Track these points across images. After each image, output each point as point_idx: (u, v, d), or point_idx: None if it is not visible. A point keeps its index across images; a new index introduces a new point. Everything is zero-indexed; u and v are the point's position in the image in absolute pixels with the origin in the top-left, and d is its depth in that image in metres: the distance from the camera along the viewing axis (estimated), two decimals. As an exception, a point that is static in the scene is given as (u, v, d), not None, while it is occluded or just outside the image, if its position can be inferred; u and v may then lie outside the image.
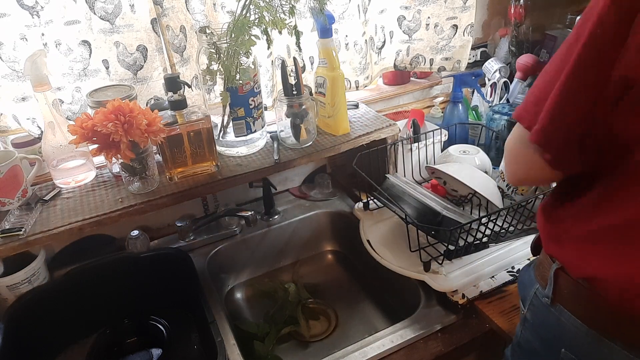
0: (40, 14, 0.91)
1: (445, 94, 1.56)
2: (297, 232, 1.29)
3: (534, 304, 0.67)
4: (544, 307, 0.64)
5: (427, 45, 1.34)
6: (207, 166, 1.01)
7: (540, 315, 0.66)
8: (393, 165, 1.21)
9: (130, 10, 0.97)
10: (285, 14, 0.93)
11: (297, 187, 1.41)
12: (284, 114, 1.06)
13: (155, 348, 1.02)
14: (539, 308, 0.66)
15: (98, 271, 1.03)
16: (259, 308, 1.17)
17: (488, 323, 0.89)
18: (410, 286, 1.02)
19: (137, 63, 1.02)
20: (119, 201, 0.94)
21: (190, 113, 0.97)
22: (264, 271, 1.28)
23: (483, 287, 0.93)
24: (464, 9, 1.27)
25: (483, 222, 0.94)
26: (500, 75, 1.42)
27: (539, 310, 0.66)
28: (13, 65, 0.93)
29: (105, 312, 1.06)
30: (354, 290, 1.22)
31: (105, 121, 0.82)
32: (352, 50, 1.25)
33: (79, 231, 0.90)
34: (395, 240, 1.06)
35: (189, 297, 1.01)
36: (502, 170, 1.13)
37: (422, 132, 1.23)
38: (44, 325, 0.98)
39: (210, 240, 1.21)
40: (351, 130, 1.14)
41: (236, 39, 0.91)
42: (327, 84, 1.08)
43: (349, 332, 1.09)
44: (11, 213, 0.92)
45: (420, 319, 0.93)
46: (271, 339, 1.03)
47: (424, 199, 0.98)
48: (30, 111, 0.98)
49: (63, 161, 1.00)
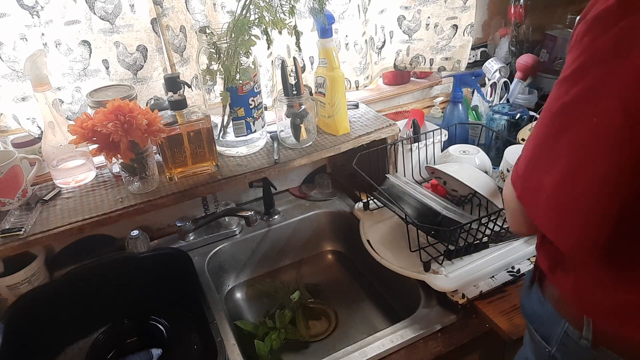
0: (40, 14, 0.91)
1: (445, 94, 1.56)
2: (297, 232, 1.29)
3: (566, 345, 0.61)
4: (582, 349, 0.59)
5: (427, 45, 1.34)
6: (207, 166, 1.01)
7: (578, 357, 0.60)
8: (393, 165, 1.21)
9: (130, 10, 0.97)
10: (285, 14, 0.93)
11: (297, 187, 1.41)
12: (284, 114, 1.06)
13: (155, 348, 1.02)
14: (574, 350, 0.60)
15: (98, 271, 1.03)
16: (259, 308, 1.17)
17: (488, 323, 0.89)
18: (410, 286, 1.02)
19: (137, 63, 1.02)
20: (119, 201, 0.94)
21: (190, 113, 0.97)
22: (264, 271, 1.28)
23: (483, 287, 0.93)
24: (464, 9, 1.27)
25: (483, 222, 0.94)
26: (500, 75, 1.42)
27: (575, 352, 0.60)
28: (13, 65, 0.93)
29: (105, 312, 1.06)
30: (354, 290, 1.22)
31: (105, 121, 0.82)
32: (352, 50, 1.25)
33: (79, 231, 0.90)
34: (395, 240, 1.06)
35: (189, 297, 1.01)
36: (502, 170, 1.13)
37: (422, 132, 1.23)
38: (44, 325, 0.98)
39: (210, 240, 1.21)
40: (351, 130, 1.14)
41: (236, 39, 0.91)
42: (327, 84, 1.08)
43: (349, 332, 1.09)
44: (11, 213, 0.92)
45: (420, 319, 0.92)
46: (271, 339, 1.02)
47: (424, 199, 0.98)
48: (30, 111, 0.98)
49: (63, 161, 1.00)
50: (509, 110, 1.30)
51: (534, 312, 0.68)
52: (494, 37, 1.58)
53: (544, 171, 0.51)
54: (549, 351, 0.64)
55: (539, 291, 0.67)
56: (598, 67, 0.45)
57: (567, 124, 0.48)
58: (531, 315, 0.69)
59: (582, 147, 0.47)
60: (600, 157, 0.46)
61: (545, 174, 0.50)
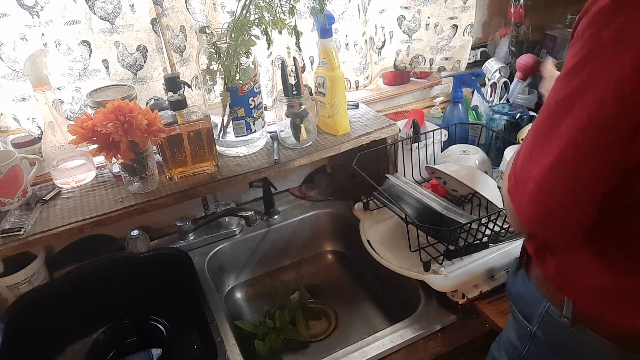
0: (40, 14, 0.91)
1: (445, 94, 1.56)
2: (297, 232, 1.29)
3: (547, 323, 0.64)
4: (561, 327, 0.62)
5: (427, 45, 1.34)
6: (207, 166, 1.01)
7: (557, 335, 0.64)
8: (393, 165, 1.21)
9: (130, 10, 0.97)
10: (285, 14, 0.92)
11: (297, 187, 1.41)
12: (284, 114, 1.06)
13: (155, 348, 1.02)
14: (554, 327, 0.64)
15: (98, 271, 1.03)
16: (259, 308, 1.17)
17: (488, 323, 0.89)
18: (410, 286, 1.02)
19: (137, 63, 1.02)
20: (119, 201, 0.94)
21: (190, 113, 0.97)
22: (264, 271, 1.28)
23: (483, 287, 0.93)
24: (464, 9, 1.27)
25: (483, 222, 0.94)
26: (500, 75, 1.42)
27: (554, 329, 0.64)
28: (13, 65, 0.93)
29: (105, 312, 1.06)
30: (354, 290, 1.22)
31: (105, 121, 0.82)
32: (352, 50, 1.25)
33: (79, 231, 0.90)
34: (395, 240, 1.06)
35: (189, 297, 1.01)
36: (502, 170, 1.13)
37: (422, 132, 1.22)
38: (44, 325, 0.98)
39: (210, 240, 1.21)
40: (351, 130, 1.14)
41: (236, 39, 0.91)
42: (327, 84, 1.08)
43: (349, 332, 1.09)
44: (11, 213, 0.92)
45: (420, 319, 0.93)
46: (271, 339, 1.03)
47: (424, 199, 0.98)
48: (30, 111, 0.98)
49: (63, 161, 1.00)
50: (509, 110, 1.30)
51: (518, 293, 0.71)
52: (494, 37, 1.58)
53: (534, 164, 0.52)
54: (530, 330, 0.68)
55: (524, 274, 0.70)
56: (597, 61, 0.46)
57: (560, 118, 0.49)
58: (515, 297, 0.72)
59: (571, 140, 0.48)
60: (587, 152, 0.47)
61: (534, 166, 0.51)
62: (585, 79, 0.47)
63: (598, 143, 0.47)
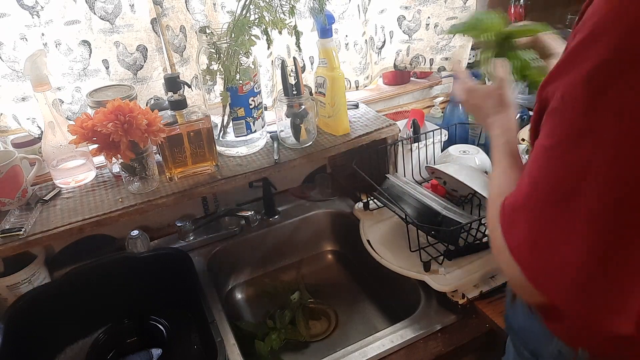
0: (40, 14, 0.91)
1: (445, 94, 1.56)
2: (297, 232, 1.29)
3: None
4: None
5: (427, 45, 1.34)
6: (207, 166, 1.01)
7: None
8: (393, 165, 1.21)
9: (130, 10, 0.97)
10: (285, 14, 0.93)
11: (297, 187, 1.41)
12: (284, 114, 1.06)
13: (155, 348, 1.02)
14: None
15: (98, 271, 1.03)
16: (259, 308, 1.17)
17: (488, 323, 0.89)
18: (410, 286, 1.02)
19: (137, 63, 1.02)
20: (119, 201, 0.94)
21: (190, 113, 0.97)
22: (264, 271, 1.28)
23: (483, 287, 0.93)
24: (464, 9, 1.27)
25: (483, 222, 0.94)
26: (500, 75, 1.41)
27: None
28: (13, 65, 0.93)
29: (105, 312, 1.06)
30: (354, 290, 1.22)
31: (105, 121, 0.82)
32: (352, 50, 1.25)
33: (79, 231, 0.90)
34: (395, 240, 1.06)
35: (189, 297, 1.01)
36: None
37: (422, 132, 1.23)
38: (44, 325, 0.98)
39: (210, 240, 1.21)
40: (351, 130, 1.14)
41: (236, 39, 0.90)
42: (327, 84, 1.08)
43: (349, 332, 1.09)
44: (11, 213, 0.92)
45: (420, 319, 0.93)
46: (271, 339, 1.03)
47: (424, 199, 0.98)
48: (30, 111, 0.98)
49: (63, 161, 1.00)
50: (509, 110, 1.30)
51: (520, 327, 0.65)
52: (494, 37, 1.57)
53: (560, 247, 0.44)
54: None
55: (524, 306, 0.64)
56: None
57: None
58: (517, 331, 0.66)
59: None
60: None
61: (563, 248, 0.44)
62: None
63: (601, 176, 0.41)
